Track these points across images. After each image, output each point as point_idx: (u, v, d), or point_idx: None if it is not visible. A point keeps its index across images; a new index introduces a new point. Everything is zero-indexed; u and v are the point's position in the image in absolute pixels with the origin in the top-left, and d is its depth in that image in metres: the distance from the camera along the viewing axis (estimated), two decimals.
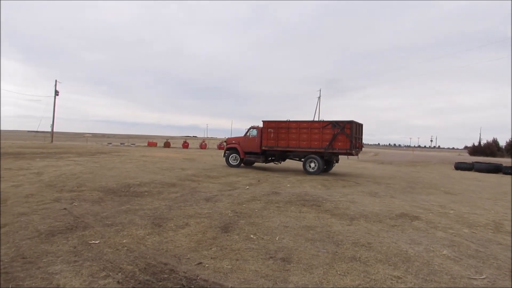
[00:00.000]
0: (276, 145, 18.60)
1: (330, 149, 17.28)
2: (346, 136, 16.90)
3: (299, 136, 18.04)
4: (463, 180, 18.43)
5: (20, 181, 10.94)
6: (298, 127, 18.15)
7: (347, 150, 17.05)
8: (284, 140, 18.42)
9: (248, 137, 19.66)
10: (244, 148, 19.67)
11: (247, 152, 19.67)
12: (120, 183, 11.22)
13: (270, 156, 19.61)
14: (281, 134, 18.47)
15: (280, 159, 20.09)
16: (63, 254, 4.65)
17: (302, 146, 18.01)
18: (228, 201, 8.87)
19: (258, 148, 19.25)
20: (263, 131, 18.92)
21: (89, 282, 3.78)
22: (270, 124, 18.84)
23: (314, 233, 6.15)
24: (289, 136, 18.28)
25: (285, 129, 18.41)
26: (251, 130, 19.73)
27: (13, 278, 3.83)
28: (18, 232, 5.52)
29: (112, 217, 6.76)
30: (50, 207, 7.44)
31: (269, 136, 18.71)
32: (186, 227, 6.21)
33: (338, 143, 17.11)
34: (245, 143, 19.72)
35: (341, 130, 16.96)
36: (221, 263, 4.52)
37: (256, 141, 19.31)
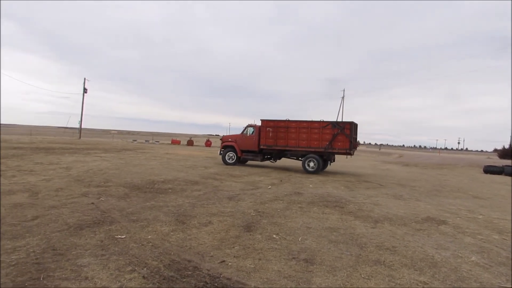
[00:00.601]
0: (275, 144, 18.63)
1: (330, 148, 17.67)
2: (346, 136, 17.36)
3: (298, 136, 18.28)
4: (493, 184, 17.80)
5: (51, 175, 11.32)
6: (298, 127, 18.35)
7: (347, 150, 17.54)
8: (283, 139, 18.52)
9: (245, 135, 19.56)
10: (241, 146, 19.56)
11: (244, 150, 19.56)
12: (145, 179, 11.44)
13: (267, 154, 19.64)
14: (280, 133, 18.54)
15: (277, 157, 19.92)
16: (91, 247, 4.79)
17: (302, 146, 18.27)
18: (251, 200, 8.90)
19: (256, 146, 19.20)
20: (262, 130, 18.89)
21: (115, 276, 3.87)
22: (269, 123, 18.80)
23: (337, 235, 6.09)
24: (288, 135, 18.43)
25: (284, 128, 18.49)
26: (248, 128, 19.64)
27: (44, 269, 3.97)
28: (48, 225, 5.72)
29: (137, 213, 6.91)
30: (78, 201, 7.67)
31: (267, 135, 18.68)
32: (209, 225, 6.27)
33: (338, 143, 17.55)
34: (242, 141, 19.60)
35: (341, 130, 17.41)
36: (244, 262, 4.54)
37: (254, 140, 19.25)
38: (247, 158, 19.70)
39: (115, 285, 3.63)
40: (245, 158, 19.67)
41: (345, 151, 17.63)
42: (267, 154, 19.61)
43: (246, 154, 19.52)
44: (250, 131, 19.53)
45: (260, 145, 18.99)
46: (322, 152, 17.88)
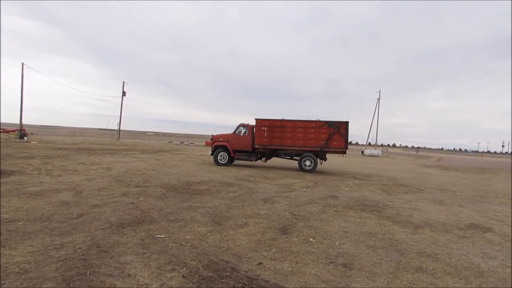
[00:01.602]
0: (270, 143, 18.46)
1: (326, 148, 18.06)
2: (342, 136, 17.96)
3: (294, 135, 18.27)
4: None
5: (93, 175, 11.82)
6: (294, 126, 18.33)
7: (342, 149, 18.27)
8: (278, 138, 18.39)
9: (238, 135, 19.09)
10: (234, 146, 19.05)
11: (236, 150, 19.09)
12: (181, 180, 11.68)
13: (261, 154, 19.33)
14: (275, 133, 18.39)
15: (269, 157, 19.60)
16: (132, 245, 4.95)
17: (297, 145, 18.34)
18: (286, 202, 8.87)
19: (250, 146, 18.93)
20: (256, 129, 18.63)
21: (156, 274, 3.98)
22: (264, 122, 18.58)
23: (376, 240, 5.95)
24: (284, 134, 18.35)
25: (279, 128, 18.37)
26: (240, 128, 19.23)
27: (90, 265, 4.15)
28: (92, 223, 5.98)
29: (175, 213, 7.07)
30: (119, 200, 7.96)
31: (262, 134, 18.46)
32: (245, 227, 6.31)
33: (333, 142, 18.05)
34: (235, 141, 19.09)
35: (337, 130, 17.91)
36: (281, 264, 4.53)
37: (248, 139, 18.94)
38: (240, 158, 19.17)
39: (156, 284, 3.73)
40: (238, 158, 19.12)
41: (341, 150, 18.31)
42: (260, 154, 19.30)
43: (239, 154, 19.06)
44: (243, 130, 19.14)
45: (255, 145, 18.71)
46: (318, 151, 18.24)
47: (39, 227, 5.56)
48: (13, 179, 10.01)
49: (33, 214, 6.29)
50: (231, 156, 19.05)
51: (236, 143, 19.07)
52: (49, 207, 6.93)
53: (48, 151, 21.43)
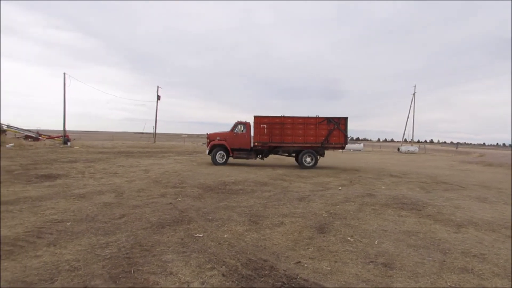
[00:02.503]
0: (270, 140, 18.15)
1: (326, 144, 18.15)
2: (341, 131, 18.13)
3: (293, 132, 18.05)
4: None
5: (132, 177, 12.24)
6: (294, 123, 18.10)
7: (342, 145, 18.46)
8: (278, 135, 18.11)
9: (236, 133, 18.64)
10: (232, 144, 18.56)
11: (235, 149, 18.61)
12: (217, 181, 11.86)
13: (259, 152, 18.88)
14: (275, 130, 18.09)
15: (267, 155, 19.19)
16: (172, 244, 5.09)
17: (298, 142, 18.15)
18: (321, 201, 8.80)
19: (248, 144, 18.59)
20: (255, 127, 18.31)
21: (197, 273, 4.08)
22: (263, 119, 18.23)
23: (417, 239, 5.78)
24: (284, 131, 18.08)
25: (279, 125, 18.09)
26: (238, 126, 18.75)
27: (134, 263, 4.31)
28: (134, 223, 6.20)
29: (212, 212, 7.20)
30: (158, 201, 8.20)
31: (262, 132, 18.12)
32: (282, 226, 6.32)
33: (333, 138, 18.20)
34: (233, 139, 18.62)
35: (337, 125, 18.02)
36: (320, 263, 4.51)
37: (247, 137, 18.59)
38: (239, 157, 18.68)
39: (197, 282, 3.83)
40: (237, 157, 18.65)
41: (340, 145, 18.51)
42: (258, 152, 18.94)
43: (238, 153, 18.59)
44: (241, 128, 18.72)
45: (254, 143, 18.38)
46: (319, 147, 18.27)
47: (85, 227, 5.84)
48: (59, 182, 10.55)
49: (79, 215, 6.61)
50: (230, 155, 18.59)
51: (235, 141, 18.63)
52: (93, 208, 7.26)
53: (90, 155, 22.40)
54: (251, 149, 18.70)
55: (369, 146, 71.09)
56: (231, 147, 18.49)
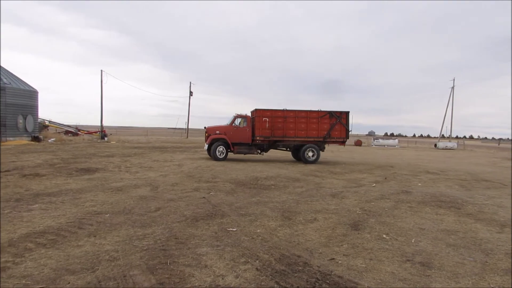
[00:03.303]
0: (272, 135, 17.62)
1: (328, 138, 17.87)
2: (343, 126, 17.95)
3: (296, 126, 17.61)
4: None
5: (166, 171, 12.54)
6: (296, 116, 17.66)
7: (344, 139, 18.35)
8: (280, 129, 17.61)
9: (237, 127, 17.84)
10: (233, 139, 17.65)
11: (235, 143, 17.72)
12: (249, 176, 11.93)
13: (259, 146, 18.19)
14: (277, 123, 17.57)
15: (267, 149, 18.59)
16: (206, 238, 5.17)
17: (300, 136, 17.70)
18: (355, 198, 8.65)
19: (249, 138, 17.86)
20: (256, 120, 17.63)
21: (231, 266, 4.12)
22: (265, 112, 17.66)
23: (456, 238, 5.57)
24: (286, 125, 17.60)
25: (282, 118, 17.59)
26: (238, 119, 17.97)
27: (170, 255, 4.41)
28: (169, 216, 6.35)
29: (244, 207, 7.24)
30: (191, 195, 8.35)
31: (263, 126, 17.51)
32: (315, 222, 6.27)
33: (335, 132, 17.96)
34: (233, 133, 17.74)
35: (339, 120, 17.76)
36: (355, 261, 4.43)
37: (247, 131, 17.83)
38: (240, 152, 17.93)
39: (231, 275, 3.86)
40: (239, 152, 17.84)
41: (342, 140, 18.40)
42: (259, 146, 18.24)
43: (239, 148, 17.78)
44: (242, 122, 17.95)
45: (256, 137, 17.71)
46: (321, 142, 17.97)
47: (123, 219, 6.04)
48: (98, 175, 10.97)
49: (117, 207, 6.85)
50: (231, 150, 17.72)
51: (235, 135, 17.81)
52: (130, 201, 7.49)
53: (126, 149, 23.13)
54: (252, 143, 18.04)
55: (404, 142, 69.05)
56: (231, 141, 17.65)
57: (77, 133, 40.15)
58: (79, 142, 30.31)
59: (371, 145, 49.27)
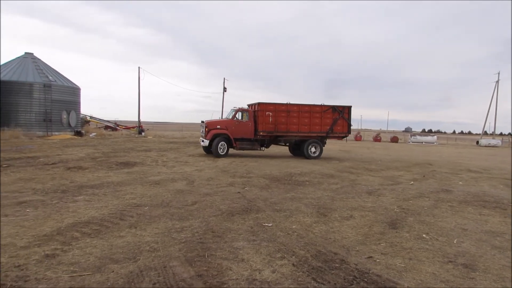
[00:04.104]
0: (275, 129, 16.89)
1: (331, 133, 17.54)
2: (345, 120, 17.73)
3: (299, 120, 17.06)
4: None
5: (201, 166, 12.77)
6: (300, 111, 17.11)
7: (346, 134, 18.31)
8: (284, 124, 16.95)
9: (239, 121, 16.91)
10: (234, 134, 16.68)
11: (237, 138, 16.78)
12: (282, 172, 11.92)
13: (262, 142, 17.42)
14: (280, 118, 16.89)
15: (269, 145, 17.87)
16: (243, 232, 5.23)
17: (303, 131, 17.14)
18: (392, 196, 8.43)
19: (252, 133, 17.04)
20: (260, 115, 16.84)
21: (268, 261, 4.15)
22: (268, 106, 16.90)
23: (502, 240, 5.31)
24: (289, 120, 16.98)
25: (285, 113, 16.94)
26: (239, 113, 17.07)
27: (207, 248, 4.50)
28: (205, 210, 6.47)
29: (279, 203, 7.26)
30: (226, 190, 8.46)
31: (267, 120, 16.76)
32: (351, 219, 6.18)
33: (337, 127, 17.64)
34: (235, 128, 16.77)
35: (341, 114, 17.49)
36: (393, 260, 4.33)
37: (250, 126, 16.97)
38: (243, 148, 17.03)
39: (268, 270, 3.89)
40: (241, 147, 16.92)
41: (344, 135, 18.38)
42: (261, 142, 17.47)
43: (241, 143, 16.87)
44: (244, 116, 17.05)
45: (259, 132, 16.86)
46: (324, 136, 17.67)
47: (161, 211, 6.22)
48: (136, 169, 11.34)
49: (155, 200, 7.06)
50: (233, 146, 16.71)
51: (237, 130, 16.86)
52: (167, 194, 7.70)
53: (162, 144, 23.73)
54: (254, 139, 17.23)
55: (443, 138, 66.42)
56: (233, 136, 16.64)
57: (116, 128, 41.62)
58: (118, 137, 31.42)
59: (408, 142, 47.81)
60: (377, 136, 49.22)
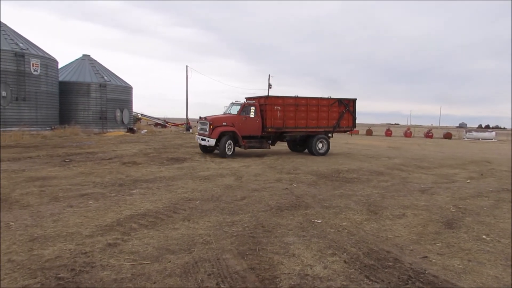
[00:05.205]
0: (284, 125, 15.48)
1: (338, 127, 16.93)
2: (350, 114, 17.22)
3: (307, 115, 15.94)
4: None
5: (248, 162, 12.94)
6: (308, 104, 15.98)
7: (351, 128, 17.70)
8: (292, 119, 15.66)
9: (246, 117, 15.03)
10: (242, 131, 14.82)
11: (245, 136, 14.96)
12: (330, 168, 11.77)
13: (266, 138, 15.86)
14: (289, 113, 15.55)
15: (275, 141, 16.49)
16: (292, 228, 5.26)
17: (311, 126, 16.06)
18: (447, 194, 8.05)
19: (260, 130, 15.35)
20: (267, 109, 15.21)
21: (319, 257, 4.15)
22: (277, 100, 15.48)
23: None
24: (298, 114, 15.77)
25: (293, 107, 15.68)
26: (247, 108, 15.16)
27: (258, 242, 4.59)
28: (254, 205, 6.57)
29: (328, 199, 7.19)
30: (274, 186, 8.52)
31: (275, 115, 15.26)
32: (404, 218, 6.00)
33: (343, 121, 17.03)
34: (243, 124, 14.88)
35: (347, 108, 16.91)
36: (451, 261, 4.16)
37: (257, 122, 15.23)
38: (252, 147, 15.30)
39: (319, 266, 3.90)
40: (251, 146, 15.19)
41: (350, 129, 17.75)
42: (266, 139, 15.89)
43: (249, 141, 15.10)
44: (251, 111, 15.17)
45: (267, 128, 15.26)
46: (330, 131, 17.00)
47: (212, 206, 6.40)
48: (186, 165, 11.73)
49: (206, 195, 7.28)
50: (242, 144, 14.84)
51: (244, 127, 14.99)
52: (217, 189, 7.90)
53: None
54: (261, 136, 15.64)
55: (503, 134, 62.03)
56: (241, 134, 14.80)
57: (165, 125, 43.20)
58: (167, 133, 32.57)
59: (463, 138, 45.19)
60: (428, 132, 46.97)
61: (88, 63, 29.80)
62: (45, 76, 23.53)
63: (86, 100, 27.97)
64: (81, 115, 27.66)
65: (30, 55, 22.43)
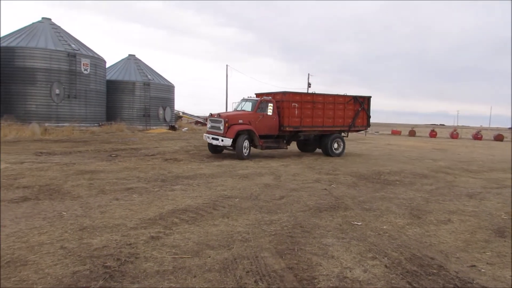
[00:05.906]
0: (301, 124, 14.38)
1: (353, 126, 16.28)
2: (365, 112, 16.60)
3: (324, 113, 15.02)
4: None
5: (287, 161, 12.94)
6: (324, 102, 15.25)
7: (366, 127, 17.17)
8: (309, 117, 14.65)
9: (263, 115, 13.73)
10: (259, 130, 13.56)
11: (262, 135, 13.72)
12: (370, 170, 11.48)
13: (282, 138, 14.72)
14: (306, 110, 14.53)
15: (290, 141, 15.23)
16: (331, 229, 5.19)
17: (327, 125, 15.13)
18: (498, 200, 7.61)
19: (277, 129, 14.21)
20: (286, 106, 14.05)
21: (358, 260, 4.07)
22: (294, 97, 14.39)
23: None
24: (315, 112, 14.80)
25: (310, 104, 14.72)
26: (263, 104, 13.85)
27: (296, 242, 4.58)
28: (293, 205, 6.55)
29: (368, 202, 7.03)
30: (313, 186, 8.44)
31: (293, 113, 14.10)
32: (449, 223, 5.74)
33: (358, 120, 16.38)
34: (260, 123, 13.61)
35: (362, 106, 16.26)
36: (502, 271, 3.93)
37: (275, 120, 14.04)
38: (269, 147, 14.15)
39: (359, 269, 3.82)
40: (267, 147, 13.99)
41: (364, 128, 17.34)
42: (283, 138, 14.79)
43: (266, 141, 13.86)
44: (268, 108, 13.90)
45: (285, 127, 14.09)
46: (346, 131, 16.32)
47: (250, 204, 6.46)
48: (226, 163, 11.90)
49: (244, 193, 7.35)
50: (259, 145, 13.60)
51: (262, 126, 13.74)
52: (255, 188, 7.95)
53: None
54: (277, 136, 14.57)
55: None
56: (258, 133, 13.55)
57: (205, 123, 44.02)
58: None
59: None
60: (477, 133, 44.48)
61: (133, 63, 31.02)
62: (94, 75, 24.78)
63: (131, 98, 29.15)
64: (126, 113, 28.84)
65: (81, 55, 23.70)
